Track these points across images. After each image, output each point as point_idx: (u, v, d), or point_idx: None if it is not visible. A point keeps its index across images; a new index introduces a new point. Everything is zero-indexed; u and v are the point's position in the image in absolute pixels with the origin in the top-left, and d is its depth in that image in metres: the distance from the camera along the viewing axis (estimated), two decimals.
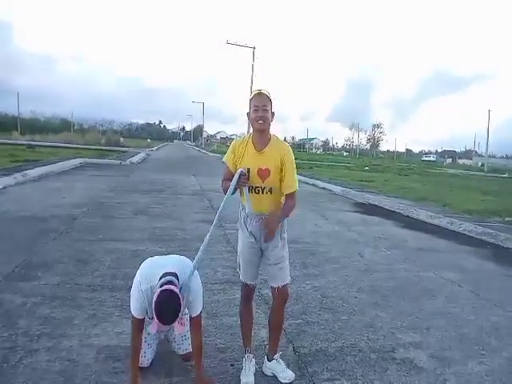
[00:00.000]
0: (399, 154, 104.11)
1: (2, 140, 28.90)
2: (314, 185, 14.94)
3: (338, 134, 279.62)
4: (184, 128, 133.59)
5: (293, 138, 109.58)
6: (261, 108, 2.38)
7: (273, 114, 2.44)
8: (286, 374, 2.49)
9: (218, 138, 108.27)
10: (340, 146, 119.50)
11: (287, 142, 2.45)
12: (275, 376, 2.52)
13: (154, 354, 2.49)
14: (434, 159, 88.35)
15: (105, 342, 2.80)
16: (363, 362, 2.80)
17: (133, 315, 2.23)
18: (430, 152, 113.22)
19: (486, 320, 3.65)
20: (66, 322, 3.04)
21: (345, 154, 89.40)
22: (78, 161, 17.00)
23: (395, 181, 20.57)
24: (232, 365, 2.64)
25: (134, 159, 21.04)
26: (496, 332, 3.41)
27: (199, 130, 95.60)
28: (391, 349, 3.01)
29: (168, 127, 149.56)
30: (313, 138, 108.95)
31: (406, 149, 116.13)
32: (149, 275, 2.18)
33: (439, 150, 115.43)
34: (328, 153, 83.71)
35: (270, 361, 2.56)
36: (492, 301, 4.17)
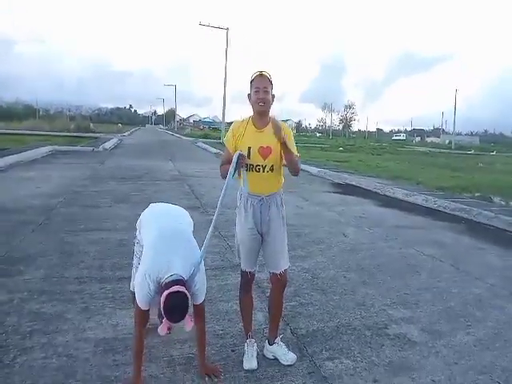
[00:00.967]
0: (370, 133, 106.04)
1: None
2: None
3: (311, 115, 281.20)
4: (155, 112, 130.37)
5: None
6: (262, 90, 2.34)
7: (273, 96, 2.40)
8: (288, 357, 2.52)
9: (191, 121, 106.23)
10: (313, 127, 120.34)
11: None
12: (276, 359, 2.55)
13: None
14: (404, 138, 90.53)
15: (101, 335, 2.74)
16: (359, 339, 2.88)
17: (137, 306, 2.17)
18: (399, 131, 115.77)
19: (468, 293, 3.83)
20: (58, 316, 2.95)
21: (318, 134, 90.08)
22: (48, 148, 16.31)
23: (369, 160, 20.99)
24: (233, 350, 2.65)
25: (107, 145, 20.41)
26: (479, 303, 3.59)
27: (171, 114, 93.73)
28: (384, 325, 3.11)
29: (139, 111, 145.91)
30: (287, 120, 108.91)
31: (377, 128, 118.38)
32: (155, 265, 2.11)
33: (408, 128, 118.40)
34: (302, 134, 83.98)
35: (271, 344, 2.59)
36: (472, 274, 4.37)
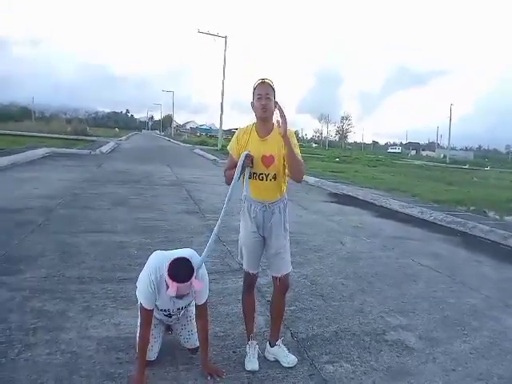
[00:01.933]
0: (366, 145, 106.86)
1: None
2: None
3: (308, 125, 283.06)
4: (152, 117, 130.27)
5: None
6: (264, 96, 2.40)
7: (276, 102, 2.47)
8: (288, 359, 2.57)
9: (188, 127, 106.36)
10: (309, 138, 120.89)
11: None
12: (277, 361, 2.59)
13: (160, 347, 2.48)
14: (399, 151, 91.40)
15: (103, 333, 2.77)
16: (358, 344, 2.93)
17: (142, 306, 2.22)
18: (395, 144, 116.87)
19: (464, 303, 3.89)
20: (61, 314, 2.97)
21: (314, 145, 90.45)
22: (45, 150, 16.27)
23: (365, 172, 21.16)
24: (234, 351, 2.69)
25: (104, 149, 20.38)
26: (475, 313, 3.65)
27: (168, 120, 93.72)
28: (382, 331, 3.16)
29: (136, 116, 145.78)
30: None
31: (373, 141, 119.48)
32: (158, 266, 2.18)
33: (404, 141, 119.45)
34: (298, 144, 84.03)
35: (272, 347, 2.63)
36: (468, 285, 4.44)
